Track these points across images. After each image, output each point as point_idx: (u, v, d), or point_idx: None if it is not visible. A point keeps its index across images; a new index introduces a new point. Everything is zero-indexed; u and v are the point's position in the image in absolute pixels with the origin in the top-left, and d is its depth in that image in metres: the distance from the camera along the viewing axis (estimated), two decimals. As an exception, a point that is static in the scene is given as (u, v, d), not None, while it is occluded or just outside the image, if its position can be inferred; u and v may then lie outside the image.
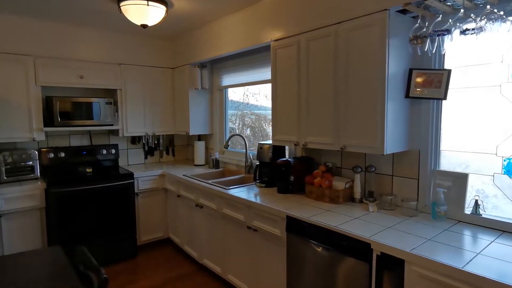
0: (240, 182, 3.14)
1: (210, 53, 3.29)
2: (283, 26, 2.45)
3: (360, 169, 2.24)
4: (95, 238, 3.15)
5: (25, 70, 2.96)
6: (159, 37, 3.75)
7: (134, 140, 3.96)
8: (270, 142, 2.84)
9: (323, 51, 2.13)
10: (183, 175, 3.29)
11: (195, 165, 3.90)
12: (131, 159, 3.97)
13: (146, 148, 4.01)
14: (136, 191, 3.42)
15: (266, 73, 3.07)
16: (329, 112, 2.13)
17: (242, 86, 3.45)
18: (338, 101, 2.07)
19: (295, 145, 2.38)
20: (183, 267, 3.21)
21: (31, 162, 3.01)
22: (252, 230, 2.40)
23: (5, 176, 2.86)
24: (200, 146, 3.91)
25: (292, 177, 2.50)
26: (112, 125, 3.47)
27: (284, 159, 2.60)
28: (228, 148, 3.45)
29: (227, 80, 3.65)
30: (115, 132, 3.72)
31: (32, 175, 3.02)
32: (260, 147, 2.84)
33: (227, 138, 3.65)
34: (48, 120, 3.15)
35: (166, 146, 4.24)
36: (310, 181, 2.37)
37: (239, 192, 2.62)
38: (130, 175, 3.36)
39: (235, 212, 2.55)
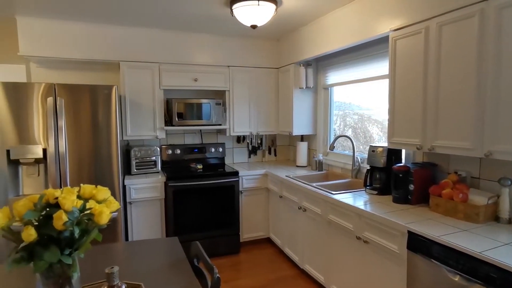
0: (347, 187, 2.92)
1: (317, 50, 3.15)
2: (405, 13, 2.13)
3: (510, 182, 1.78)
4: (204, 231, 3.36)
5: (152, 75, 3.36)
6: (265, 37, 3.79)
7: (239, 139, 4.11)
8: (383, 144, 2.54)
9: (462, 37, 1.76)
10: (286, 176, 3.24)
11: (297, 166, 3.81)
12: (236, 158, 4.14)
13: (250, 147, 4.12)
14: (240, 189, 3.53)
15: (377, 68, 2.77)
16: (468, 111, 1.75)
17: (349, 84, 3.20)
18: (482, 97, 1.68)
19: (417, 149, 2.05)
20: (283, 270, 3.16)
21: (154, 158, 3.40)
22: (362, 241, 2.17)
23: (135, 169, 3.30)
24: (302, 147, 3.81)
25: (412, 185, 2.16)
26: (220, 124, 3.67)
27: (402, 164, 2.28)
28: (333, 150, 3.24)
29: (332, 78, 3.45)
30: (222, 132, 3.92)
31: (155, 169, 3.41)
32: (372, 150, 2.56)
33: (333, 139, 3.45)
34: (168, 120, 3.51)
35: (269, 146, 4.28)
36: (437, 192, 2.01)
37: (347, 198, 2.41)
38: (236, 173, 3.48)
39: (343, 220, 2.35)
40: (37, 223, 0.97)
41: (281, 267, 3.21)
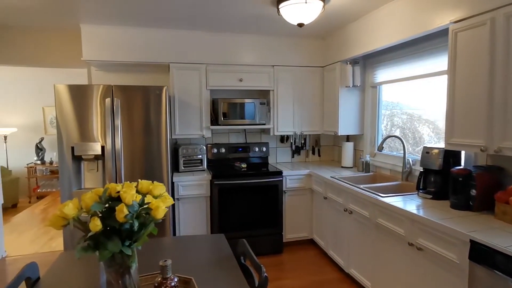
0: (396, 190, 2.77)
1: (365, 47, 3.03)
2: (467, 3, 1.97)
3: None
4: (247, 229, 3.40)
5: (199, 76, 3.47)
6: (311, 36, 3.73)
7: (283, 139, 4.09)
8: (436, 145, 2.37)
9: (537, 26, 1.58)
10: (331, 176, 3.16)
11: (342, 167, 3.70)
12: (279, 157, 4.13)
13: (293, 147, 4.08)
14: (284, 189, 3.51)
15: (432, 65, 2.59)
16: (543, 109, 1.57)
17: (400, 81, 3.03)
18: (561, 93, 1.49)
19: (481, 150, 1.88)
20: (327, 272, 3.09)
21: (200, 156, 3.50)
22: (415, 248, 2.04)
23: (183, 167, 3.42)
24: (348, 147, 3.69)
25: (474, 191, 1.99)
26: (264, 124, 3.68)
27: (461, 167, 2.11)
28: (382, 150, 3.10)
29: (381, 76, 3.30)
30: (266, 131, 3.93)
31: (201, 167, 3.51)
32: (427, 151, 2.40)
33: (381, 139, 3.30)
34: (214, 119, 3.60)
35: (312, 146, 4.21)
36: (504, 199, 1.82)
37: (397, 201, 2.28)
38: (280, 173, 3.47)
39: (393, 225, 2.24)
40: (101, 215, 1.04)
41: (325, 270, 3.14)
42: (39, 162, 6.05)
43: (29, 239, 4.09)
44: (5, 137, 5.98)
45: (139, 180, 1.16)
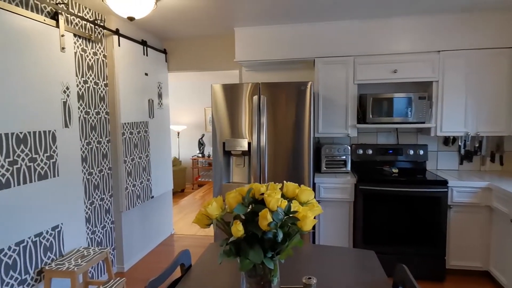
0: None
1: None
2: None
3: None
4: (396, 245, 2.90)
5: (346, 70, 3.18)
6: (493, 8, 2.86)
7: (447, 141, 3.34)
8: None
9: None
10: (526, 194, 2.32)
11: (543, 182, 2.70)
12: (440, 164, 3.39)
13: (463, 151, 3.26)
14: (449, 202, 2.83)
15: None
16: None
17: None
18: None
19: None
20: (516, 323, 2.29)
21: (344, 157, 3.22)
22: None
23: (325, 167, 3.22)
24: (555, 155, 2.66)
25: None
26: (423, 122, 3.07)
27: None
28: None
29: None
30: (424, 131, 3.29)
31: (344, 168, 3.22)
32: None
33: None
34: (360, 117, 3.24)
35: (491, 152, 3.27)
36: None
37: None
38: (443, 183, 2.81)
39: None
40: (244, 218, 0.94)
41: (511, 319, 2.34)
42: (200, 155, 7.06)
43: (190, 221, 4.77)
44: (178, 133, 7.25)
45: (284, 181, 1.02)
